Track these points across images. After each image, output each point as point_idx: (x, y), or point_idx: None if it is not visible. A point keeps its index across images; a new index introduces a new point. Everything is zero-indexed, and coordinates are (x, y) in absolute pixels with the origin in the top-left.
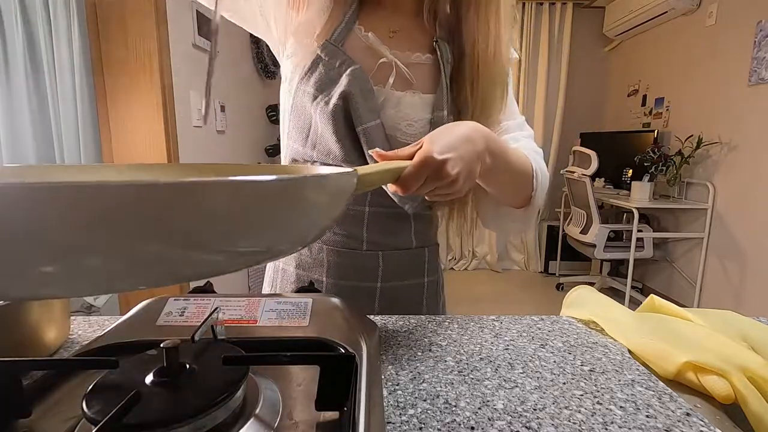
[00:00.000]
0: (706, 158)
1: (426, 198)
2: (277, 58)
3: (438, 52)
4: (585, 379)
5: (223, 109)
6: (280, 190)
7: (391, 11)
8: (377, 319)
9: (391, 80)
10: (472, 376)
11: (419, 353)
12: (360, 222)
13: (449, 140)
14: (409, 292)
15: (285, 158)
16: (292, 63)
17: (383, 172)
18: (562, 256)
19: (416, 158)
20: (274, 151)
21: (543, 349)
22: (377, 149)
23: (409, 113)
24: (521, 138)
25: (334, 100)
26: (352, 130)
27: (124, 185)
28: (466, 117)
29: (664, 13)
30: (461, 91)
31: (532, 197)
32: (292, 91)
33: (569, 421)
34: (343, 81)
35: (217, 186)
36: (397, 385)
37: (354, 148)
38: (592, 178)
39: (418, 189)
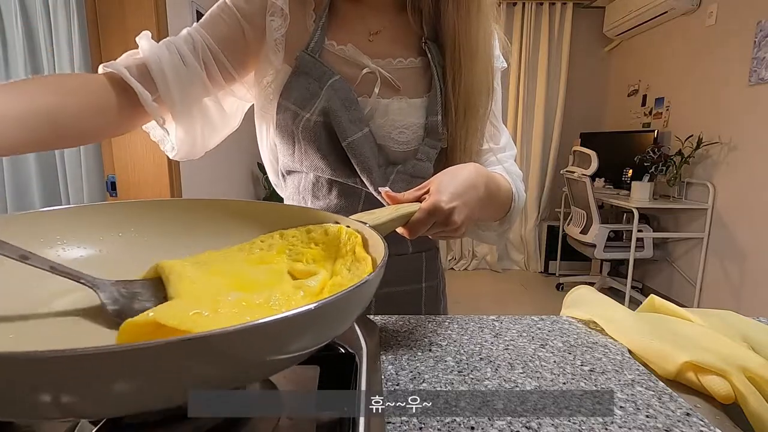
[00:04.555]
0: (706, 158)
1: (429, 237)
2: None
3: (429, 54)
4: (585, 379)
5: None
6: (323, 313)
7: (370, 9)
8: (377, 319)
9: (376, 90)
10: (472, 376)
11: (419, 353)
12: None
13: (456, 188)
14: (406, 298)
15: (275, 171)
16: (264, 82)
17: (394, 220)
18: (562, 256)
19: (425, 205)
20: None
21: (543, 349)
22: (387, 190)
23: (399, 120)
24: (505, 159)
25: (315, 117)
26: (338, 144)
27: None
28: (450, 118)
29: (664, 13)
30: (444, 90)
31: (507, 214)
32: (273, 107)
33: (569, 421)
34: (324, 95)
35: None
36: (397, 385)
37: (341, 163)
38: (592, 178)
39: (424, 232)
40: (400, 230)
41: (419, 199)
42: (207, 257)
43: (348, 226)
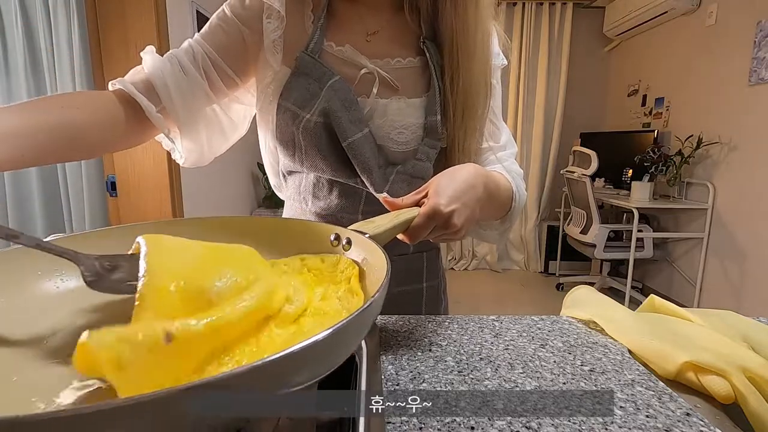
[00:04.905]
0: (706, 158)
1: (431, 240)
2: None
3: (427, 54)
4: (585, 379)
5: None
6: (336, 336)
7: (367, 9)
8: (377, 319)
9: (374, 90)
10: (472, 376)
11: (419, 353)
12: None
13: (454, 190)
14: (407, 298)
15: (275, 172)
16: (264, 84)
17: (394, 227)
18: (562, 256)
19: (424, 210)
20: None
21: (543, 349)
22: (385, 196)
23: (398, 120)
24: (505, 158)
25: (315, 118)
26: (338, 145)
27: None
28: (449, 118)
29: (664, 13)
30: (443, 90)
31: (508, 213)
32: (273, 108)
33: (569, 421)
34: (324, 95)
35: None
36: (397, 385)
37: (342, 163)
38: (592, 178)
39: (425, 237)
40: (400, 236)
41: (418, 203)
42: None
43: (348, 242)
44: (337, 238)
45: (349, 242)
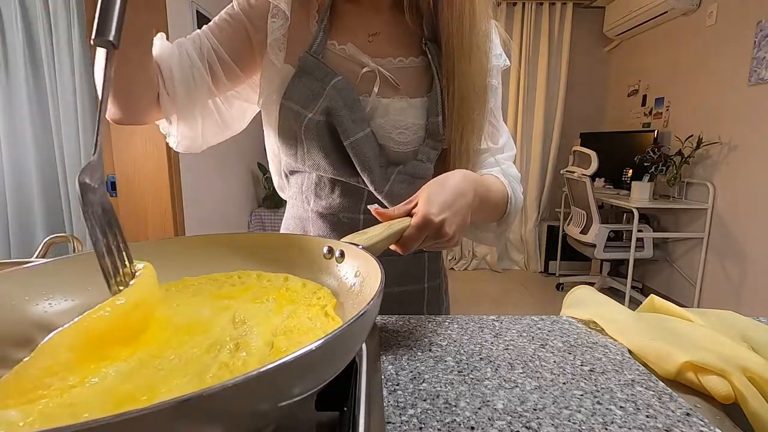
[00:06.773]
0: (706, 158)
1: (423, 249)
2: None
3: (429, 55)
4: (585, 379)
5: None
6: (327, 349)
7: (368, 10)
8: (377, 319)
9: (375, 88)
10: (472, 376)
11: (419, 353)
12: (355, 230)
13: (445, 198)
14: (408, 298)
15: (277, 172)
16: (266, 83)
17: (386, 238)
18: (562, 256)
19: (416, 221)
20: None
21: (543, 349)
22: (376, 207)
23: (399, 120)
24: (503, 161)
25: (317, 117)
26: (340, 144)
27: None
28: (446, 119)
29: (664, 13)
30: (441, 91)
31: (504, 216)
32: (276, 107)
33: (569, 421)
34: (326, 94)
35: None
36: (397, 385)
37: (343, 162)
38: (592, 178)
39: (417, 246)
40: (392, 247)
41: (409, 213)
42: (173, 287)
43: (341, 254)
44: (330, 251)
45: (342, 255)
